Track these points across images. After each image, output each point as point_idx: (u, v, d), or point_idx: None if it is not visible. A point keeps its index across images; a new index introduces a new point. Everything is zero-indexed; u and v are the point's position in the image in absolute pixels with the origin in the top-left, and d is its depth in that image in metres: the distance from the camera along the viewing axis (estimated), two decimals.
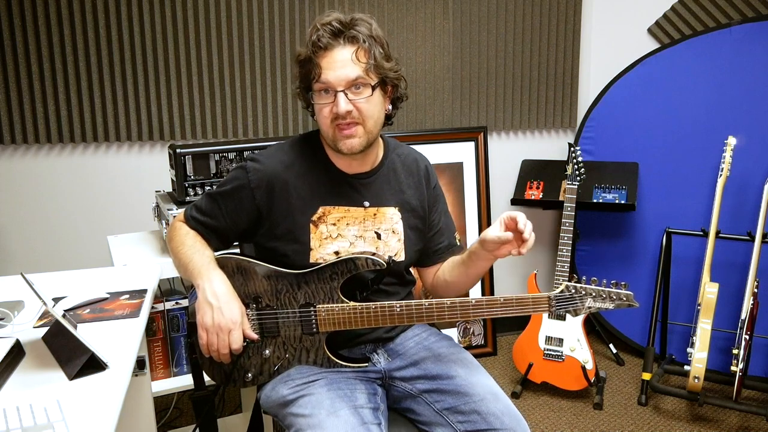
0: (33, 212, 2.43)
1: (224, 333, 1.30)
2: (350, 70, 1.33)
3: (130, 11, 2.37)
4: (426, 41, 2.85)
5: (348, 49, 1.33)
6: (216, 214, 1.45)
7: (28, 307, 1.45)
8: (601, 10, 3.12)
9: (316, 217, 1.43)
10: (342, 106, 1.33)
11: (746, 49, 2.72)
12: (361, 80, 1.34)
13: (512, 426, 1.33)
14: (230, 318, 1.30)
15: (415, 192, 1.53)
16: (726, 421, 2.52)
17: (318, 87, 1.36)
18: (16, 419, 0.98)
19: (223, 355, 1.33)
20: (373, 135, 1.40)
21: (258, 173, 1.42)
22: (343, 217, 1.45)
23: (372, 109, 1.37)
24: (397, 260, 1.49)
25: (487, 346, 3.07)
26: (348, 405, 1.31)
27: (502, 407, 1.36)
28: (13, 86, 2.28)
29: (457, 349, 1.51)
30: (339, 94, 1.33)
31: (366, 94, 1.35)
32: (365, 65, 1.34)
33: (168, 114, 2.49)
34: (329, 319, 1.39)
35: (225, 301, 1.31)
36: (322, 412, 1.28)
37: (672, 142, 2.89)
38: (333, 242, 1.44)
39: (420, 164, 1.57)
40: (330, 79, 1.33)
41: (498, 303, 1.35)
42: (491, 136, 3.10)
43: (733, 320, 2.62)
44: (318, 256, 1.43)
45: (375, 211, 1.47)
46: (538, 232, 3.27)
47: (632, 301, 1.33)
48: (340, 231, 1.44)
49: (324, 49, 1.33)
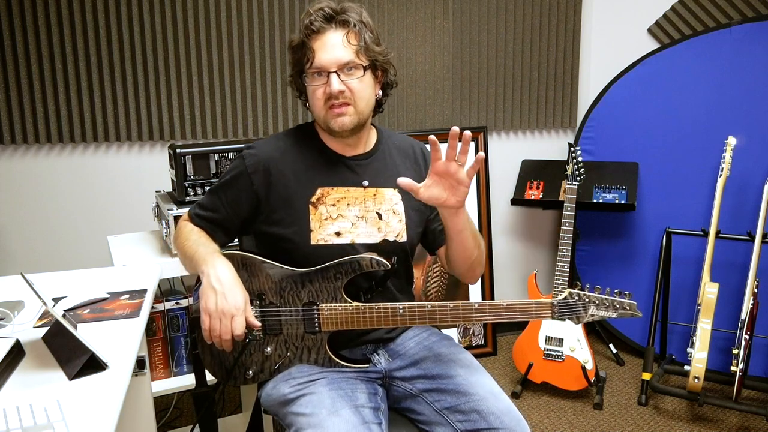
0: (33, 212, 2.43)
1: (227, 318, 1.31)
2: (342, 52, 1.38)
3: (130, 11, 2.37)
4: (426, 41, 2.85)
5: (339, 33, 1.39)
6: (218, 206, 1.47)
7: (28, 307, 1.45)
8: (601, 10, 3.12)
9: (314, 198, 1.45)
10: (335, 86, 1.37)
11: (746, 49, 2.72)
12: (353, 62, 1.39)
13: (512, 425, 1.33)
14: (233, 304, 1.31)
15: (412, 174, 1.53)
16: (726, 421, 2.52)
17: (312, 70, 1.40)
18: (16, 419, 0.98)
19: (225, 341, 1.33)
20: (364, 116, 1.44)
21: (254, 158, 1.45)
22: (343, 198, 1.46)
23: (363, 89, 1.41)
24: (399, 240, 1.50)
25: (487, 346, 3.07)
26: (349, 404, 1.31)
27: (502, 407, 1.36)
28: (13, 86, 2.28)
29: (458, 349, 1.51)
30: (332, 75, 1.37)
31: (358, 75, 1.40)
32: (356, 47, 1.39)
33: (168, 114, 2.49)
34: (332, 318, 1.39)
35: (229, 287, 1.32)
36: (323, 412, 1.28)
37: (672, 142, 2.89)
38: (333, 223, 1.45)
39: (415, 147, 1.61)
40: (323, 61, 1.37)
41: (501, 308, 1.35)
42: (491, 136, 3.10)
43: (733, 320, 2.62)
44: (319, 237, 1.44)
45: (375, 192, 1.49)
46: (539, 232, 3.30)
47: (635, 310, 1.34)
48: (341, 211, 1.46)
49: (316, 32, 1.38)
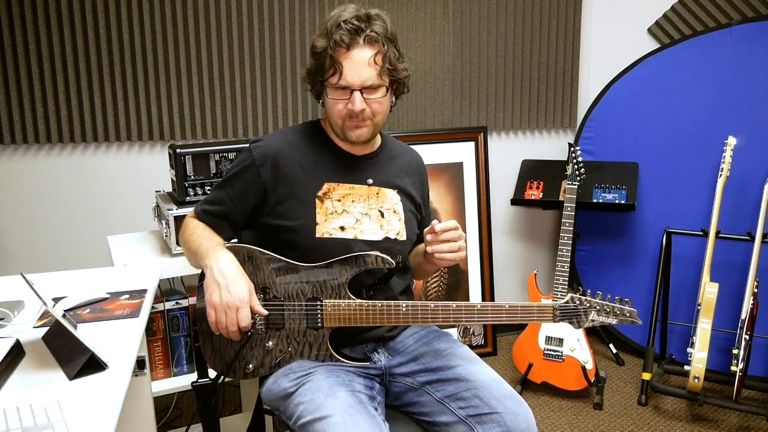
0: (33, 212, 2.43)
1: (232, 311, 1.32)
2: (368, 73, 1.38)
3: (130, 11, 2.37)
4: (426, 41, 2.85)
5: (367, 51, 1.38)
6: (224, 199, 1.48)
7: (28, 307, 1.45)
8: (601, 10, 3.12)
9: (321, 192, 1.46)
10: (358, 105, 1.39)
11: (746, 49, 2.72)
12: (377, 84, 1.40)
13: (515, 409, 1.33)
14: (237, 296, 1.32)
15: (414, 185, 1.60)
16: (726, 421, 2.52)
17: (335, 83, 1.40)
18: (16, 419, 0.98)
19: (232, 332, 1.35)
20: (379, 127, 1.49)
21: (262, 149, 1.47)
22: (348, 194, 1.48)
23: (383, 107, 1.45)
24: (400, 239, 1.53)
25: (487, 346, 3.07)
26: (346, 389, 1.34)
27: (504, 391, 1.37)
28: (13, 86, 2.28)
29: (457, 343, 1.53)
30: (355, 93, 1.38)
31: (380, 95, 1.41)
32: (381, 68, 1.39)
33: (168, 114, 2.49)
34: (335, 314, 1.40)
35: (232, 279, 1.33)
36: (321, 396, 1.31)
37: (672, 142, 2.88)
38: (339, 218, 1.46)
39: (420, 162, 1.67)
40: (348, 80, 1.38)
41: (503, 309, 1.37)
42: (491, 136, 3.10)
43: (733, 320, 2.62)
44: (324, 230, 1.45)
45: (377, 191, 1.52)
46: (539, 232, 3.30)
47: (636, 318, 1.37)
48: (346, 207, 1.48)
49: (345, 48, 1.37)
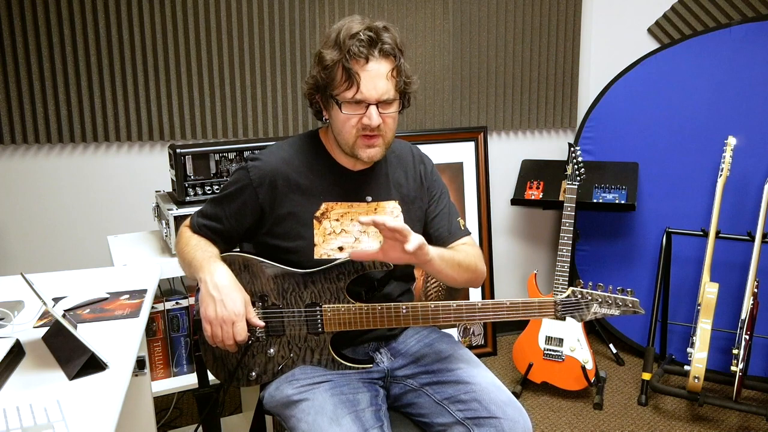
0: (33, 212, 2.43)
1: (228, 325, 1.31)
2: (385, 86, 1.36)
3: (130, 11, 2.37)
4: (426, 41, 2.85)
5: (384, 65, 1.36)
6: (220, 217, 1.47)
7: (28, 307, 1.45)
8: (601, 10, 3.12)
9: (319, 213, 1.45)
10: (375, 119, 1.36)
11: (746, 49, 2.72)
12: (393, 97, 1.38)
13: (514, 416, 1.33)
14: (233, 310, 1.31)
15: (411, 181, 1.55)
16: (726, 421, 2.52)
17: (350, 97, 1.36)
18: (16, 419, 0.98)
19: (228, 345, 1.34)
20: (389, 147, 1.45)
21: (259, 171, 1.43)
22: (347, 213, 1.46)
23: (394, 122, 1.42)
24: None
25: (487, 346, 3.06)
26: (350, 411, 1.32)
27: (504, 397, 1.36)
28: (13, 86, 2.28)
29: (458, 345, 1.53)
30: (372, 107, 1.36)
31: (394, 109, 1.40)
32: (397, 82, 1.38)
33: (168, 114, 2.49)
34: (335, 319, 1.40)
35: (227, 293, 1.32)
36: (324, 421, 1.29)
37: (672, 142, 2.88)
38: (337, 238, 1.45)
39: (414, 152, 1.60)
40: (365, 94, 1.35)
41: (504, 306, 1.36)
42: (491, 136, 3.10)
43: (733, 320, 2.62)
44: (322, 251, 1.44)
45: (376, 206, 1.49)
46: (538, 232, 3.30)
47: (638, 307, 1.35)
48: (344, 227, 1.46)
49: (364, 60, 1.34)
